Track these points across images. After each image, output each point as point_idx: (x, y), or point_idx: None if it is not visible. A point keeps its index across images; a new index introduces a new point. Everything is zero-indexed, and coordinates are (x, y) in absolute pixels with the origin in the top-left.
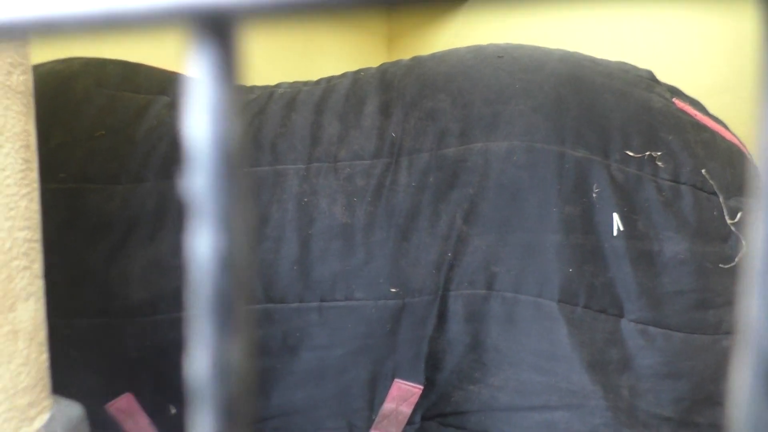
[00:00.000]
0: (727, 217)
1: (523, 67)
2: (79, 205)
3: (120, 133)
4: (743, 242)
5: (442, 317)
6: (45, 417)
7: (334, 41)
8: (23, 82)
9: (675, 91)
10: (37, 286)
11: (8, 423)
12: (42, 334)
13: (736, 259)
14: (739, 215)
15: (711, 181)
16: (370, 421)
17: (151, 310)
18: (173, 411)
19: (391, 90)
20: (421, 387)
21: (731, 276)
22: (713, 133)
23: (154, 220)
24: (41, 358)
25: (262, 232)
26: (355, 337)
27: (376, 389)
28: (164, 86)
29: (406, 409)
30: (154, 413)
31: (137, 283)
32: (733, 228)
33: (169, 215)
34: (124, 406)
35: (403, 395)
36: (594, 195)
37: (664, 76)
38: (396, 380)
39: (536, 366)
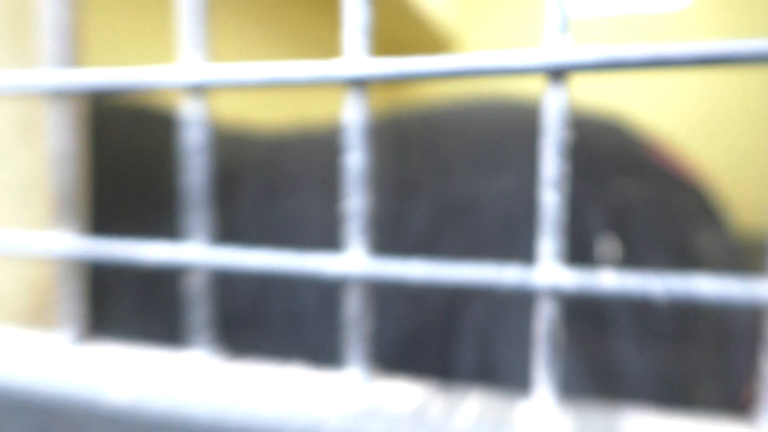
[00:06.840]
0: (700, 247)
1: (517, 115)
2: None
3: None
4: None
5: (452, 338)
6: None
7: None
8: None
9: (641, 132)
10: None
11: None
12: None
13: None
14: (710, 246)
15: (688, 218)
16: None
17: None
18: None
19: (402, 133)
20: None
21: None
22: (681, 172)
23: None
24: None
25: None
26: None
27: None
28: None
29: None
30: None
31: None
32: (703, 257)
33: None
34: None
35: None
36: (586, 223)
37: (636, 110)
38: None
39: None
